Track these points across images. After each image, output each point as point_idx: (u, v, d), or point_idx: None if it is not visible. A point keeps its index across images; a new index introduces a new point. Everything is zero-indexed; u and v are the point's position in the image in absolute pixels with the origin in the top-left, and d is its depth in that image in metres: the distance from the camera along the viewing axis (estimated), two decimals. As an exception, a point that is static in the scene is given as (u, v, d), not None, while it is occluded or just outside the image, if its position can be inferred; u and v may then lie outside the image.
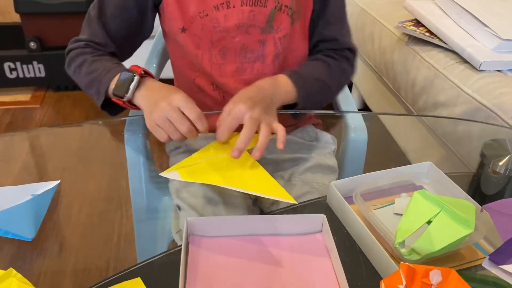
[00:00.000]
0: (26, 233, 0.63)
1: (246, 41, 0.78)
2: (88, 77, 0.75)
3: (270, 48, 0.79)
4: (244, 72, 0.80)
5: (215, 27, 0.76)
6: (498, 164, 0.64)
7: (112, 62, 0.76)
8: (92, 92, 0.75)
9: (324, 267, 0.53)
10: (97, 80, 0.73)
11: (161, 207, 0.93)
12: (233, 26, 0.76)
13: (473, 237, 0.55)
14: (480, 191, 0.68)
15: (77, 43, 0.79)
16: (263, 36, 0.78)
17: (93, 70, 0.75)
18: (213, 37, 0.77)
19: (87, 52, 0.77)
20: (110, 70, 0.73)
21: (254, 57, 0.80)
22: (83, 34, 0.80)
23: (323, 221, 0.57)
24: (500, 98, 1.00)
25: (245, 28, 0.77)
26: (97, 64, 0.75)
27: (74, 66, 0.78)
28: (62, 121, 2.04)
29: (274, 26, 0.78)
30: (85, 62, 0.76)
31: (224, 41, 0.78)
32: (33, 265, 0.81)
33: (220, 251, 0.55)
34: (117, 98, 0.71)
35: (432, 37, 1.24)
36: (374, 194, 0.66)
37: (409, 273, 0.42)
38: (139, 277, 0.52)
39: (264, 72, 0.81)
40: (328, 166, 0.84)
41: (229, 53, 0.79)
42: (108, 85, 0.72)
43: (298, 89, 0.75)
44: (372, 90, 1.65)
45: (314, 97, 0.79)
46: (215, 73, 0.80)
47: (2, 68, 2.09)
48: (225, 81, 0.81)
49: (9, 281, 0.45)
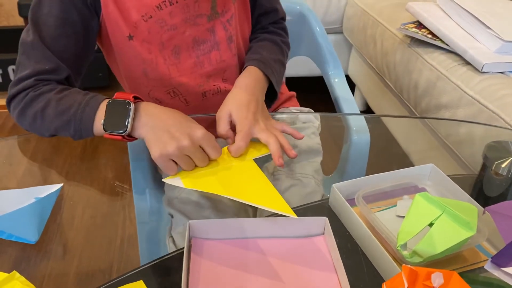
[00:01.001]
0: (30, 236, 0.63)
1: (195, 33, 0.75)
2: (59, 119, 0.65)
3: (221, 33, 0.78)
4: (202, 65, 0.78)
5: (162, 27, 0.72)
6: (500, 166, 0.64)
7: (83, 94, 0.66)
8: (69, 133, 0.66)
9: (326, 269, 0.53)
10: (76, 119, 0.63)
11: (164, 209, 0.93)
12: (180, 21, 0.73)
13: (475, 240, 0.54)
14: (483, 193, 0.68)
15: (23, 83, 0.67)
16: (210, 24, 0.76)
17: (65, 108, 0.64)
18: (162, 37, 0.73)
19: (45, 91, 0.66)
20: (88, 103, 0.64)
21: (208, 47, 0.77)
22: (24, 69, 0.68)
23: (325, 223, 0.57)
24: (503, 100, 1.00)
25: (192, 20, 0.74)
26: (67, 100, 0.65)
27: (33, 112, 0.66)
28: (65, 124, 2.04)
29: (219, 10, 0.76)
30: (49, 103, 0.65)
31: (174, 39, 0.74)
32: (37, 268, 0.82)
33: (222, 253, 0.55)
34: (113, 134, 0.62)
35: (434, 39, 1.24)
36: (376, 196, 0.66)
37: (411, 276, 0.42)
38: (141, 279, 0.52)
39: (223, 59, 0.79)
40: (312, 149, 0.83)
41: (182, 49, 0.76)
42: (92, 121, 0.63)
43: (270, 77, 0.77)
44: (374, 92, 1.65)
45: (279, 77, 0.81)
46: (173, 74, 0.77)
47: (7, 71, 2.11)
48: (185, 80, 0.78)
49: (12, 284, 0.45)
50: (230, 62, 0.80)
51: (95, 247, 1.08)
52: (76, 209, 0.93)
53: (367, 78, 1.70)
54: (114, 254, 1.13)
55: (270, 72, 0.77)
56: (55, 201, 0.69)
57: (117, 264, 1.10)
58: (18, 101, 0.68)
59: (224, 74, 0.81)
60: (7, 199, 0.67)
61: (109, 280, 0.53)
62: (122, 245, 1.16)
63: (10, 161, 0.89)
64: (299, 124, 0.87)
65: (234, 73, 0.81)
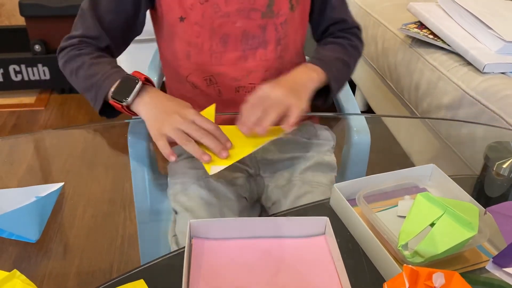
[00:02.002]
0: (31, 235, 0.63)
1: (247, 27, 0.77)
2: (86, 81, 0.74)
3: (272, 33, 0.79)
4: (246, 60, 0.80)
5: (216, 12, 0.75)
6: (502, 166, 0.64)
7: (112, 66, 0.74)
8: (90, 97, 0.74)
9: (327, 269, 0.53)
10: (96, 85, 0.72)
11: (164, 209, 0.93)
12: (234, 10, 0.75)
13: (476, 240, 0.54)
14: (484, 194, 0.68)
15: (71, 40, 0.78)
16: (263, 21, 0.78)
17: (92, 74, 0.73)
18: (214, 23, 0.76)
19: (84, 53, 0.76)
20: (110, 76, 0.71)
21: (256, 43, 0.79)
22: (76, 30, 0.79)
23: (326, 223, 0.57)
24: (504, 100, 1.00)
25: (246, 13, 0.76)
26: (96, 67, 0.74)
27: (70, 69, 0.76)
28: (66, 123, 2.05)
29: (275, 10, 0.77)
30: (83, 65, 0.75)
31: (225, 27, 0.76)
32: (38, 266, 0.82)
33: (223, 253, 0.55)
34: (116, 102, 0.70)
35: (436, 39, 1.24)
36: (377, 197, 0.66)
37: (412, 276, 0.42)
38: (142, 279, 0.52)
39: (267, 59, 0.81)
40: (328, 164, 0.84)
41: (230, 40, 0.78)
42: (108, 91, 0.71)
43: (326, 72, 0.77)
44: (375, 93, 1.65)
45: (340, 76, 0.81)
46: (215, 62, 0.79)
47: (7, 71, 2.11)
48: (224, 70, 0.80)
49: (13, 282, 0.45)
50: (273, 63, 0.81)
51: (95, 247, 1.08)
52: (77, 208, 0.94)
53: (368, 79, 1.70)
54: (115, 253, 1.13)
55: (326, 67, 0.77)
56: (56, 200, 0.69)
57: (118, 263, 1.10)
58: (64, 54, 0.78)
59: (265, 74, 0.82)
60: (8, 198, 0.67)
61: (110, 279, 0.53)
62: (123, 245, 1.16)
63: (11, 161, 0.89)
64: (315, 141, 0.88)
65: (274, 75, 0.81)
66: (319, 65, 0.77)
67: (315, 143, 0.87)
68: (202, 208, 0.74)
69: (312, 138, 0.88)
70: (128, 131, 0.87)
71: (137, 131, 0.88)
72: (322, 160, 0.84)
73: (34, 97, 2.21)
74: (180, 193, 0.77)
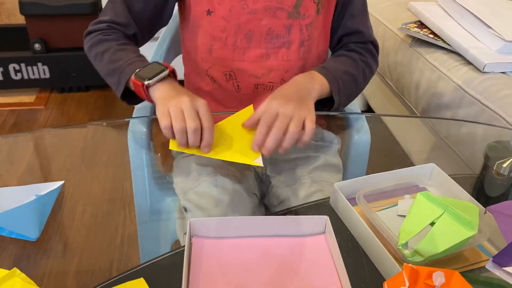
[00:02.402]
0: (30, 233, 0.63)
1: (272, 25, 0.78)
2: (110, 66, 0.75)
3: (296, 34, 0.80)
4: (268, 58, 0.81)
5: (243, 8, 0.76)
6: (502, 166, 0.64)
7: (136, 55, 0.76)
8: (113, 81, 0.75)
9: (327, 268, 0.53)
10: (120, 70, 0.73)
11: (165, 208, 0.93)
12: (261, 8, 0.76)
13: (476, 239, 0.54)
14: (484, 193, 0.68)
15: (99, 25, 0.79)
16: (289, 21, 0.78)
17: (117, 59, 0.75)
18: (240, 19, 0.77)
19: (110, 39, 0.77)
20: (134, 62, 0.73)
21: (280, 42, 0.80)
22: (105, 15, 0.80)
23: (326, 222, 0.57)
24: (504, 100, 1.00)
25: (273, 11, 0.77)
26: (121, 53, 0.75)
27: (95, 52, 0.78)
28: (66, 122, 2.05)
29: (301, 12, 0.78)
30: (108, 49, 0.76)
31: (250, 24, 0.77)
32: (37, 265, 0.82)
33: (223, 252, 0.55)
34: (137, 79, 0.70)
35: (436, 39, 1.24)
36: (377, 196, 0.66)
37: (412, 275, 0.42)
38: (142, 277, 0.52)
39: (289, 59, 0.81)
40: (335, 165, 0.85)
41: (255, 37, 0.79)
42: (130, 76, 0.71)
43: (330, 83, 0.77)
44: (375, 92, 1.65)
45: (346, 90, 0.80)
46: (236, 58, 0.80)
47: (7, 69, 2.11)
48: (245, 66, 0.81)
49: (13, 280, 0.45)
50: (295, 64, 0.82)
51: (95, 246, 1.08)
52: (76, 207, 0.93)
53: (368, 78, 1.70)
54: (114, 253, 1.13)
55: (331, 78, 0.77)
56: (56, 198, 0.69)
57: (117, 262, 1.10)
58: (91, 37, 0.79)
59: (286, 74, 0.82)
60: (8, 196, 0.67)
61: (110, 278, 0.53)
62: (123, 244, 1.16)
63: (11, 159, 0.89)
64: (321, 143, 0.88)
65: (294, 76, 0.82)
66: (324, 75, 0.77)
67: (321, 145, 0.88)
68: (214, 206, 0.74)
69: (318, 140, 0.89)
70: (128, 130, 0.87)
71: (137, 129, 0.88)
72: (329, 161, 0.84)
73: (34, 96, 2.21)
74: (190, 190, 0.77)
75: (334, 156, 0.87)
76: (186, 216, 0.77)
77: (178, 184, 0.81)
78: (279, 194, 0.81)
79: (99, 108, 2.15)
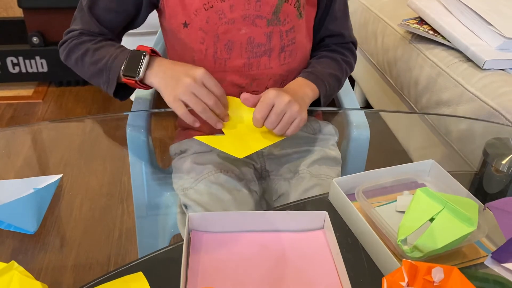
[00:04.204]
0: (29, 226, 0.63)
1: (252, 34, 0.77)
2: (94, 67, 0.75)
3: (276, 41, 0.79)
4: (251, 68, 0.80)
5: (220, 18, 0.75)
6: (501, 162, 0.64)
7: (116, 47, 0.75)
8: (101, 81, 0.75)
9: (326, 264, 0.53)
10: (106, 68, 0.73)
11: (163, 202, 0.93)
12: (239, 17, 0.75)
13: (475, 235, 0.54)
14: (483, 190, 0.68)
15: (71, 33, 0.79)
16: (269, 29, 0.77)
17: (99, 59, 0.74)
18: (219, 29, 0.76)
19: (85, 40, 0.77)
20: (117, 56, 0.72)
21: (261, 51, 0.79)
22: (76, 24, 0.79)
23: (325, 217, 0.57)
24: (504, 97, 1.00)
25: (251, 20, 0.76)
26: (102, 51, 0.75)
27: (75, 58, 0.77)
28: (64, 116, 2.04)
29: (281, 18, 0.77)
30: (87, 51, 0.75)
31: (229, 34, 0.76)
32: (35, 259, 0.82)
33: (221, 247, 0.55)
34: (128, 78, 0.71)
35: (436, 35, 1.23)
36: (376, 192, 0.66)
37: (411, 271, 0.42)
38: (140, 271, 0.52)
39: (271, 66, 0.80)
40: (333, 157, 0.85)
41: (235, 47, 0.77)
42: (119, 71, 0.72)
43: (319, 88, 0.79)
44: (375, 88, 1.65)
45: (331, 91, 0.83)
46: (219, 68, 0.79)
47: (5, 63, 2.10)
48: (228, 77, 0.80)
49: (11, 273, 0.45)
50: (277, 70, 0.81)
51: (93, 240, 1.08)
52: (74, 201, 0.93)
53: (367, 74, 1.69)
54: (112, 247, 1.13)
55: (320, 83, 0.80)
56: (54, 192, 0.69)
57: (115, 257, 1.10)
58: (65, 46, 0.79)
59: (269, 82, 0.82)
60: (6, 189, 0.67)
61: (107, 272, 0.53)
62: (120, 238, 1.16)
63: (8, 153, 0.88)
64: (319, 136, 0.89)
65: (278, 83, 0.83)
66: (313, 81, 0.79)
67: (320, 138, 0.88)
68: (215, 204, 0.74)
69: (316, 133, 0.89)
70: (127, 124, 0.87)
71: (136, 124, 0.88)
72: (327, 154, 0.84)
73: (32, 90, 2.20)
74: (190, 189, 0.77)
75: (332, 149, 0.86)
76: (187, 212, 0.77)
77: (178, 183, 0.81)
78: (277, 188, 0.81)
79: (97, 102, 2.14)
